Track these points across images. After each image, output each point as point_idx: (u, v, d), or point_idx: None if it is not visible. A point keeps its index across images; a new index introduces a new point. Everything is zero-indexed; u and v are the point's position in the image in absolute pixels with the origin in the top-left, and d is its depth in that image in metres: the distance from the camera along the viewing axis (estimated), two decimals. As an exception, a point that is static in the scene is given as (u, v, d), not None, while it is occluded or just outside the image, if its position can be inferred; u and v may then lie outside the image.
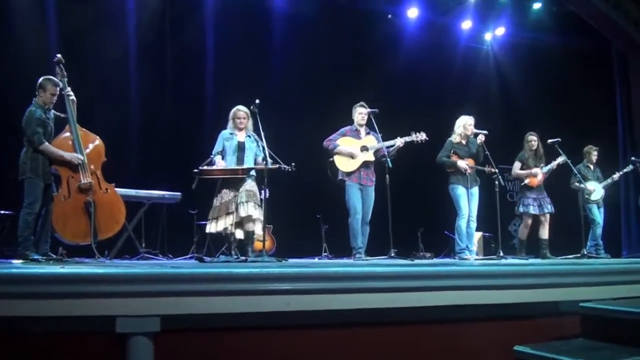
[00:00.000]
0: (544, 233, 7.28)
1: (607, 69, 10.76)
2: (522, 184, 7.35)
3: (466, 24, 10.55)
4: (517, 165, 7.40)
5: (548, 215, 7.27)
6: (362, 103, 6.42)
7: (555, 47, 10.26)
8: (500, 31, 10.90)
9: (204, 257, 5.92)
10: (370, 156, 6.25)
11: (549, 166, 7.31)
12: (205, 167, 5.49)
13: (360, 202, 6.17)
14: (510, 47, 10.92)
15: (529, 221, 7.36)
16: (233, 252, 5.62)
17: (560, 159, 7.27)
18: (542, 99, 10.45)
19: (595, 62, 10.67)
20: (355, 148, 6.28)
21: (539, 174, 7.29)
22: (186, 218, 7.48)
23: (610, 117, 10.56)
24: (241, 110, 5.79)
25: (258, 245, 5.82)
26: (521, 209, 7.33)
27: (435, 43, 10.27)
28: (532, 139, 7.45)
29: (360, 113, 6.36)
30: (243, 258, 5.26)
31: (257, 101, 5.55)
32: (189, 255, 7.20)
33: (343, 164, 6.25)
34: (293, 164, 5.42)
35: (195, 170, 5.38)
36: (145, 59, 8.12)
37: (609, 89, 10.70)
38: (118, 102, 7.82)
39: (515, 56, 10.77)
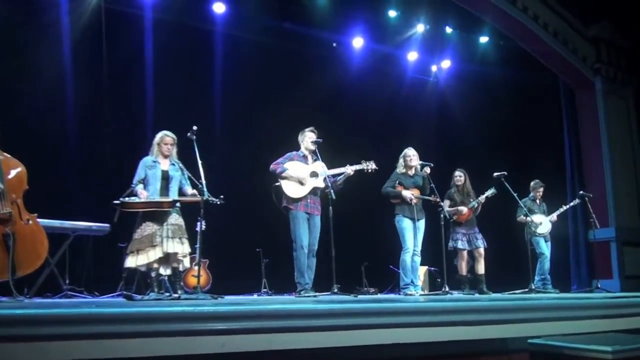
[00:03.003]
0: (480, 268, 7.46)
1: (554, 103, 11.28)
2: (451, 220, 7.54)
3: (412, 55, 10.81)
4: (446, 202, 7.61)
5: (482, 250, 7.46)
6: (312, 128, 6.40)
7: (502, 81, 10.61)
8: (446, 64, 11.23)
9: (133, 295, 5.72)
10: (319, 182, 6.18)
11: (475, 201, 7.53)
12: (127, 200, 5.30)
13: (306, 233, 6.06)
14: (456, 80, 11.23)
15: (464, 255, 7.55)
16: (156, 289, 5.43)
17: (488, 192, 7.52)
18: (489, 132, 10.76)
19: (542, 96, 11.17)
20: (304, 173, 6.21)
21: (464, 209, 7.48)
22: (115, 252, 7.19)
23: (558, 151, 11.02)
24: (169, 136, 5.70)
25: (192, 281, 5.69)
26: (450, 244, 7.54)
27: (380, 73, 10.47)
28: (457, 175, 7.74)
29: (311, 138, 6.30)
30: (176, 295, 5.11)
31: (195, 128, 5.46)
32: (117, 293, 6.92)
33: (291, 190, 6.13)
34: (222, 196, 5.35)
35: (116, 202, 5.20)
36: (77, 82, 7.87)
37: (556, 124, 11.21)
38: (44, 124, 7.53)
39: (461, 89, 11.07)
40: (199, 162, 5.41)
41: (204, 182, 5.30)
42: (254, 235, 8.35)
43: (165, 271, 5.47)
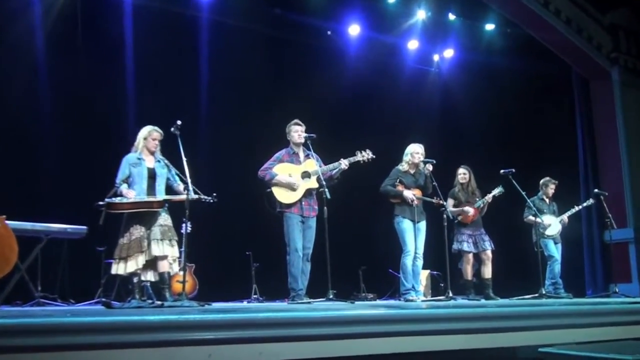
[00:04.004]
0: (487, 272, 7.48)
1: (567, 95, 11.21)
2: (456, 220, 7.54)
3: (412, 44, 10.80)
4: (450, 202, 7.61)
5: (489, 253, 7.48)
6: (296, 120, 6.37)
7: (510, 72, 10.58)
8: (449, 53, 11.26)
9: (113, 303, 5.68)
10: (312, 183, 6.17)
11: (481, 201, 7.54)
12: (115, 200, 5.25)
13: (300, 236, 6.07)
14: (460, 70, 11.24)
15: (469, 258, 7.55)
16: (137, 296, 5.39)
17: (496, 191, 7.53)
18: (495, 126, 10.76)
19: (554, 87, 11.12)
20: (295, 176, 6.19)
21: (470, 210, 7.48)
22: (92, 256, 7.19)
23: (570, 146, 10.97)
24: (157, 131, 5.67)
25: (177, 287, 5.66)
26: (455, 247, 7.54)
27: (378, 63, 10.48)
28: (461, 172, 7.73)
29: (297, 131, 6.29)
30: (159, 303, 5.08)
31: (179, 122, 5.43)
32: (95, 300, 6.91)
33: (283, 196, 6.13)
34: (214, 194, 5.33)
35: (101, 203, 5.15)
36: (50, 74, 7.81)
37: (568, 117, 11.15)
38: (14, 118, 7.48)
39: (466, 80, 11.07)
40: (184, 159, 5.38)
41: (189, 180, 5.28)
42: (244, 237, 8.35)
43: (149, 276, 5.43)
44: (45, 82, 7.81)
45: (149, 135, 5.66)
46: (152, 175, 5.58)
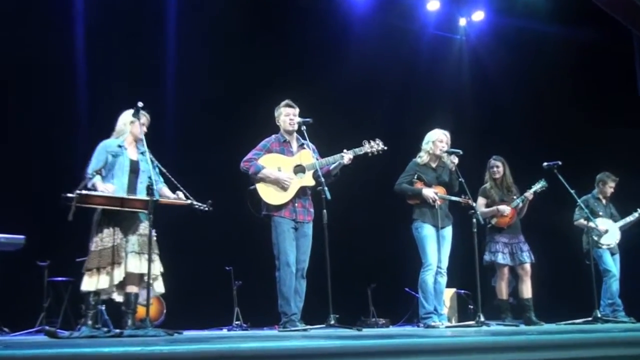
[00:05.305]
0: (526, 290, 7.46)
1: (627, 67, 11.13)
2: (489, 225, 7.54)
3: (433, 5, 10.86)
4: (480, 201, 7.59)
5: (527, 267, 7.46)
6: (287, 101, 6.33)
7: (554, 39, 10.58)
8: (479, 16, 11.28)
9: (58, 331, 5.68)
10: (308, 180, 6.15)
11: (519, 199, 7.52)
12: (92, 192, 5.11)
13: (293, 246, 6.05)
14: (492, 38, 11.24)
15: (505, 272, 7.54)
16: (90, 322, 5.32)
17: (537, 186, 7.51)
18: (535, 108, 10.77)
19: (608, 57, 11.03)
20: (286, 170, 6.16)
21: (506, 209, 7.49)
22: (32, 272, 7.20)
23: (633, 133, 10.90)
24: (145, 115, 5.55)
25: (139, 311, 5.65)
26: (487, 258, 7.52)
27: (392, 30, 10.49)
28: (494, 165, 7.68)
29: (288, 115, 6.27)
30: (117, 331, 5.08)
31: (140, 104, 5.41)
32: (36, 329, 6.94)
33: (270, 195, 6.09)
34: (210, 201, 5.39)
35: (70, 195, 5.02)
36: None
37: (630, 96, 11.08)
38: None
39: (499, 50, 11.08)
40: (147, 151, 5.41)
41: (155, 176, 5.31)
42: (222, 248, 8.38)
43: (115, 296, 5.44)
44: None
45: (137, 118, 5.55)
46: (134, 169, 5.53)
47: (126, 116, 5.60)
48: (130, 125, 5.56)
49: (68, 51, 8.36)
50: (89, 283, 5.25)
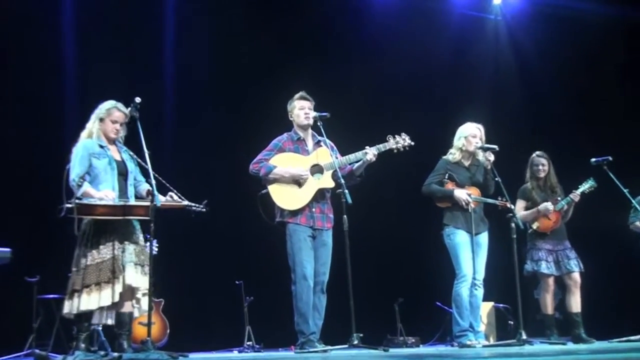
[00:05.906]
0: (575, 304, 7.36)
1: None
2: (530, 230, 7.46)
3: (462, -20, 10.84)
4: (520, 203, 7.51)
5: (576, 276, 7.35)
6: (302, 93, 6.27)
7: (604, 21, 10.45)
8: (516, -7, 11.23)
9: (50, 355, 5.69)
10: (326, 181, 6.09)
11: (564, 200, 7.42)
12: (94, 202, 5.05)
13: (311, 256, 6.00)
14: (531, 19, 11.14)
15: (550, 283, 7.44)
16: (83, 345, 5.26)
17: (585, 186, 7.41)
18: (582, 98, 10.65)
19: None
20: (302, 169, 6.09)
21: (550, 212, 7.41)
22: (20, 290, 7.21)
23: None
24: (121, 110, 5.44)
25: (140, 331, 5.66)
26: (529, 267, 7.43)
27: (415, 10, 10.41)
28: (540, 163, 7.58)
29: (302, 108, 6.21)
30: (115, 355, 5.07)
31: (138, 100, 5.39)
32: (25, 352, 6.95)
33: (285, 199, 6.04)
34: (206, 201, 5.33)
35: (70, 206, 4.97)
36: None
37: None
38: None
39: (539, 31, 10.96)
40: (146, 151, 5.34)
41: (153, 181, 5.24)
42: (232, 260, 8.37)
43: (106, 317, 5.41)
44: None
45: (108, 114, 5.41)
46: (122, 171, 5.44)
47: (99, 112, 5.46)
48: (99, 124, 5.44)
49: (58, 49, 8.40)
50: (79, 303, 5.13)
